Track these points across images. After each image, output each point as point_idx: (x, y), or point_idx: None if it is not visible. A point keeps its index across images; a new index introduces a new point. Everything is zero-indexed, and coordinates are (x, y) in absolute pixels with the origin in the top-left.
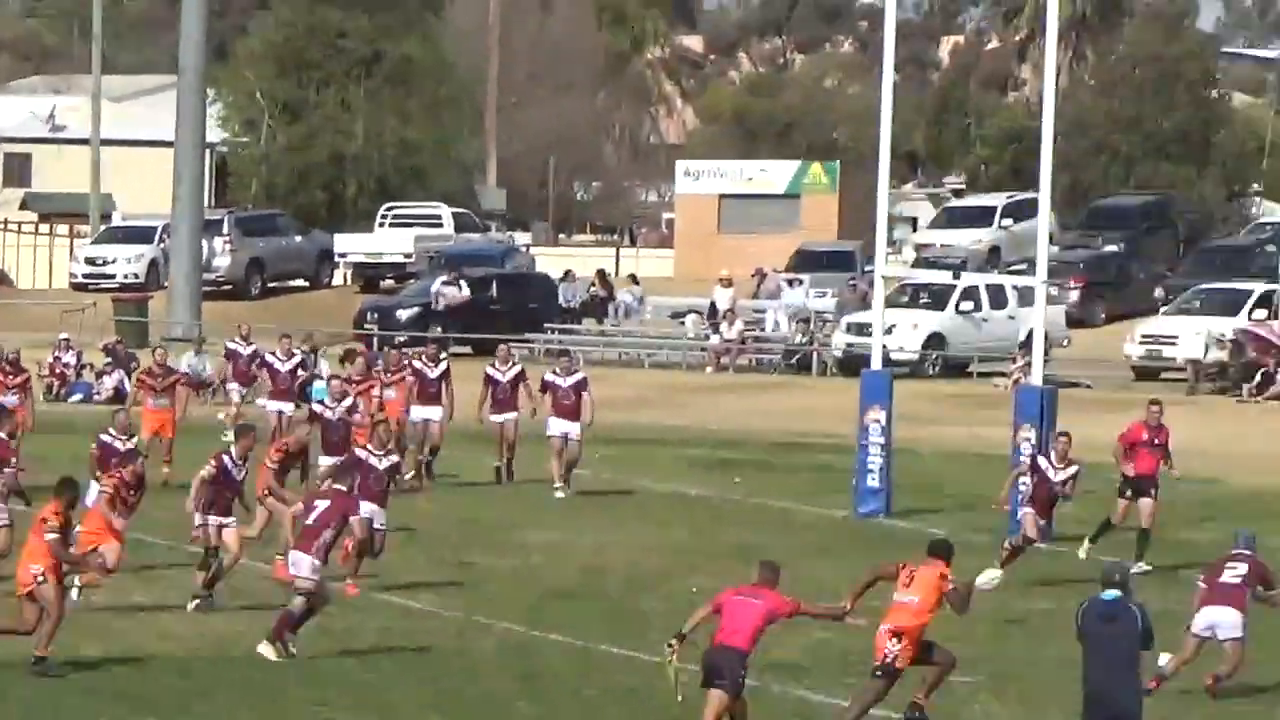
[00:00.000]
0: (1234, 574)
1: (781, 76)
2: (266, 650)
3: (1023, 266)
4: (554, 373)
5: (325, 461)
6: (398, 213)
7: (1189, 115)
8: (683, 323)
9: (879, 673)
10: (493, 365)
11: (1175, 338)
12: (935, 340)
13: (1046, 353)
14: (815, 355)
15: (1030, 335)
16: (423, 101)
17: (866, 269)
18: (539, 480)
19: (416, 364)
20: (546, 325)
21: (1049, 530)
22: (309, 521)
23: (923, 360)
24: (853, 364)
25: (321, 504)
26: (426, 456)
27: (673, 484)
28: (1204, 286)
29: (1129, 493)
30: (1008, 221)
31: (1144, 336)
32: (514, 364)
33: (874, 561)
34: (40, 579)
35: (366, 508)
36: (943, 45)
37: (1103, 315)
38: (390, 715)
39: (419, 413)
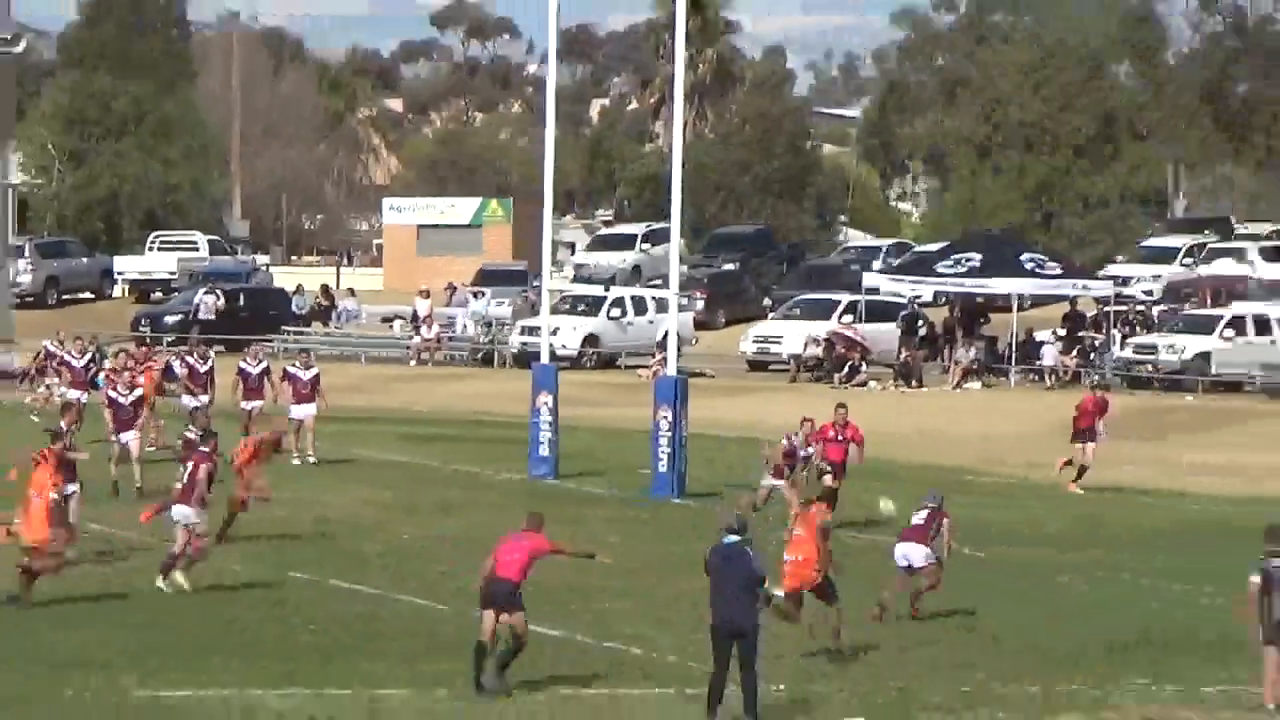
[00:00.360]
0: (919, 518)
1: (466, 130)
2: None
3: (659, 281)
4: (294, 366)
5: (124, 438)
6: (163, 239)
7: (788, 161)
8: (391, 326)
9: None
10: (244, 360)
11: (780, 337)
12: (591, 339)
13: (678, 350)
14: (496, 352)
15: (666, 335)
16: (180, 150)
17: (535, 283)
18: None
19: (241, 364)
20: (283, 328)
21: None
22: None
23: (581, 356)
24: (526, 359)
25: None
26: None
27: (386, 454)
28: (802, 297)
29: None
30: (646, 246)
31: (756, 337)
32: (261, 360)
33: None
34: None
35: None
36: (593, 106)
37: (723, 320)
38: (183, 636)
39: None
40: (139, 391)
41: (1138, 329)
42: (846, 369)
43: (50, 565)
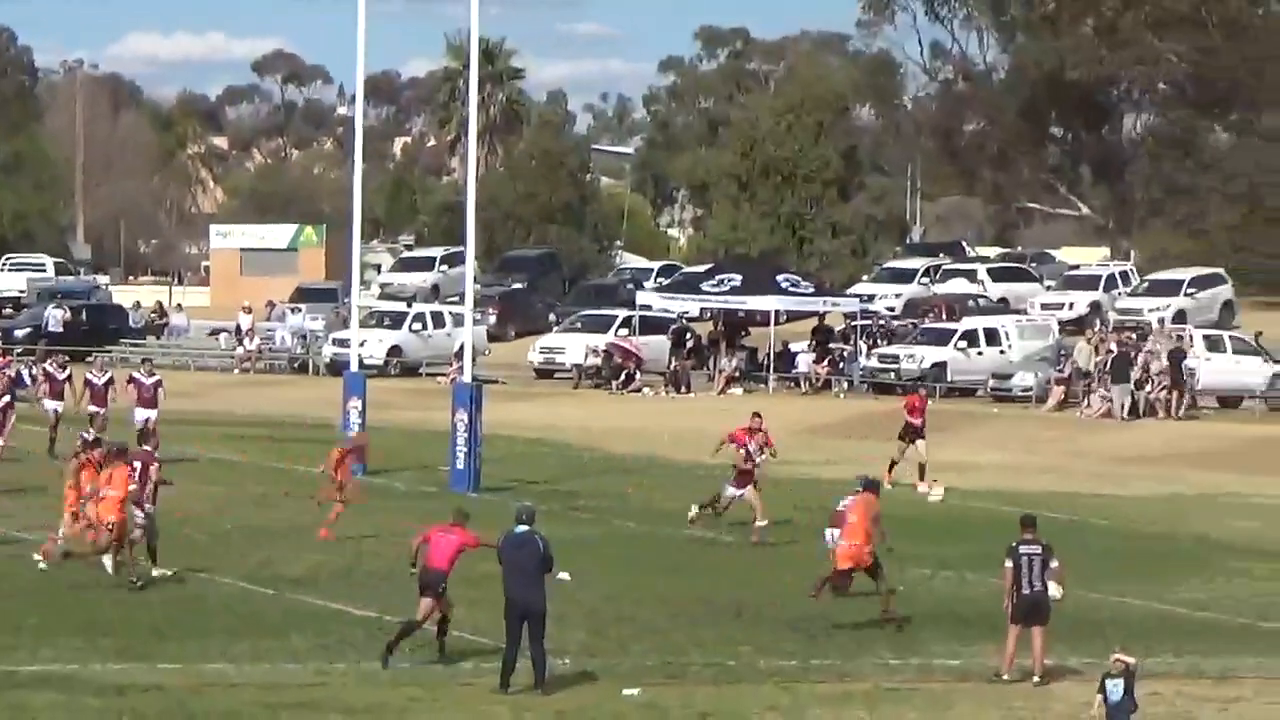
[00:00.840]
0: (843, 505)
1: (284, 165)
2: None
3: (456, 299)
4: (139, 374)
5: None
6: (14, 261)
7: (571, 192)
8: (217, 338)
9: None
10: (90, 373)
11: (564, 349)
12: (395, 350)
13: (474, 359)
14: (311, 362)
15: (462, 347)
16: (29, 182)
17: (346, 300)
18: None
19: (88, 375)
20: (122, 340)
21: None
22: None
23: (387, 365)
24: (337, 368)
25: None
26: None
27: (214, 452)
28: (583, 312)
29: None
30: (444, 267)
31: (542, 348)
32: (107, 372)
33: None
34: None
35: None
36: (396, 143)
37: (513, 333)
38: (27, 615)
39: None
40: None
41: (881, 341)
42: (623, 377)
43: None
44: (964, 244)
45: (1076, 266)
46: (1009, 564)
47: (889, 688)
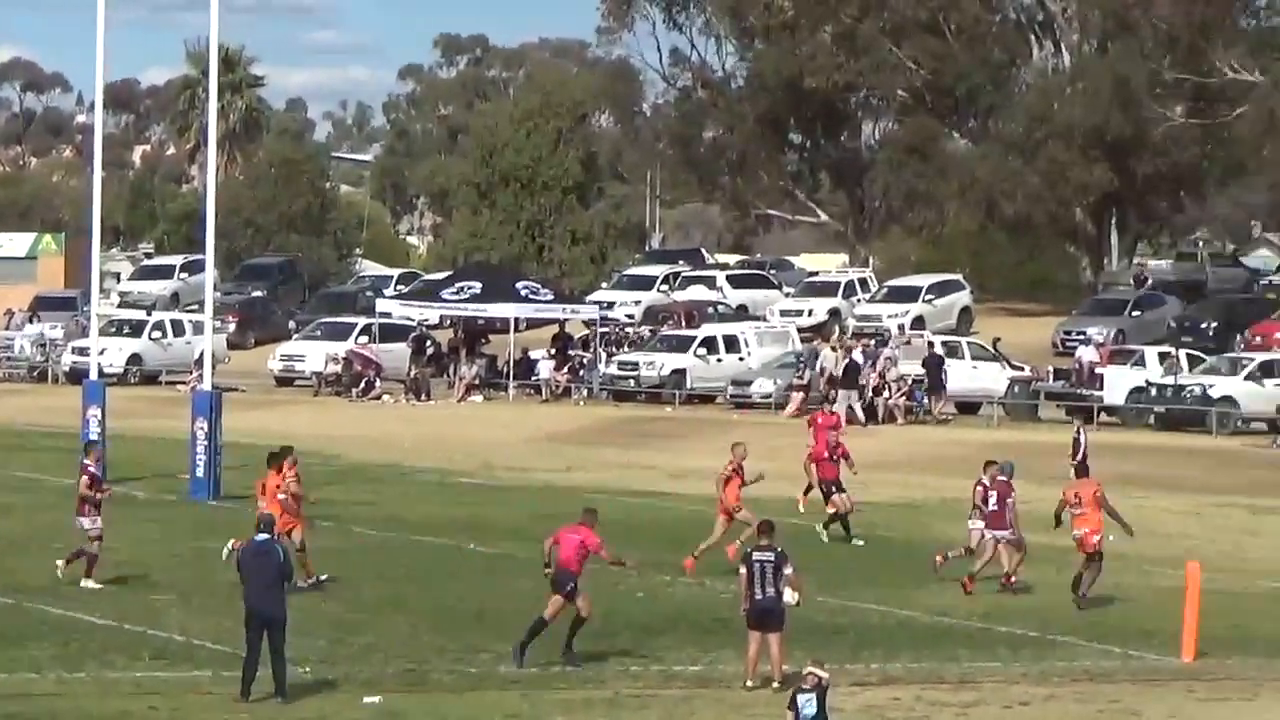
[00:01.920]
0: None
1: (23, 174)
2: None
3: (196, 306)
4: None
5: None
6: None
7: (311, 200)
8: None
9: None
10: None
11: (304, 356)
12: (135, 358)
13: (213, 367)
14: (50, 370)
15: (202, 354)
16: None
17: (85, 308)
18: None
19: None
20: None
21: None
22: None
23: (126, 373)
24: (77, 376)
25: None
26: None
27: None
28: (323, 320)
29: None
30: (184, 275)
31: (282, 355)
32: None
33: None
34: None
35: None
36: (136, 151)
37: (253, 340)
38: None
39: None
40: None
41: (621, 348)
42: (363, 384)
43: None
44: (703, 251)
45: (815, 273)
46: (743, 570)
47: (630, 694)
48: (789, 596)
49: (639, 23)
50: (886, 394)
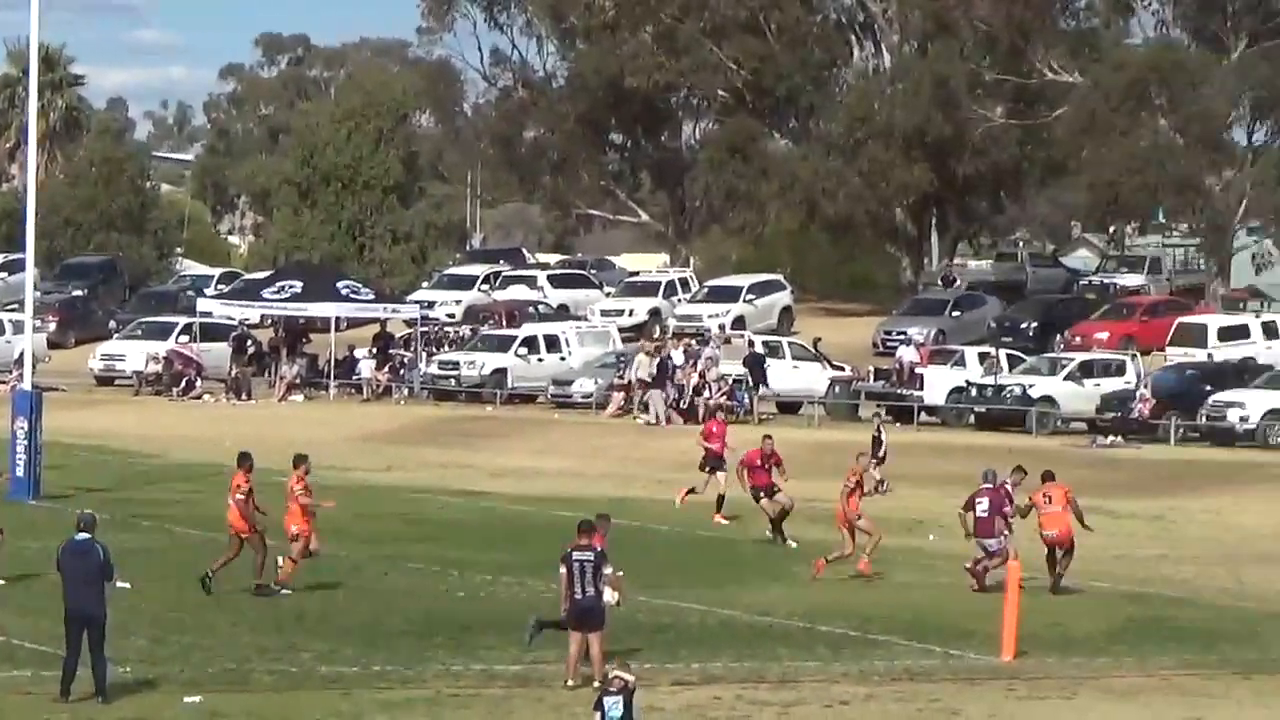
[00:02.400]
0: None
1: None
2: None
3: (15, 305)
4: None
5: None
6: None
7: (131, 200)
8: None
9: None
10: None
11: (125, 355)
12: None
13: (33, 367)
14: None
15: (22, 354)
16: None
17: None
18: None
19: None
20: None
21: None
22: None
23: None
24: None
25: None
26: None
27: None
28: (144, 320)
29: None
30: (4, 275)
31: (103, 355)
32: None
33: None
34: None
35: None
36: None
37: (73, 340)
38: None
39: None
40: None
41: (442, 347)
42: (184, 384)
43: None
44: (524, 251)
45: (636, 273)
46: (563, 570)
47: (450, 693)
48: (609, 596)
49: (460, 22)
50: (707, 394)
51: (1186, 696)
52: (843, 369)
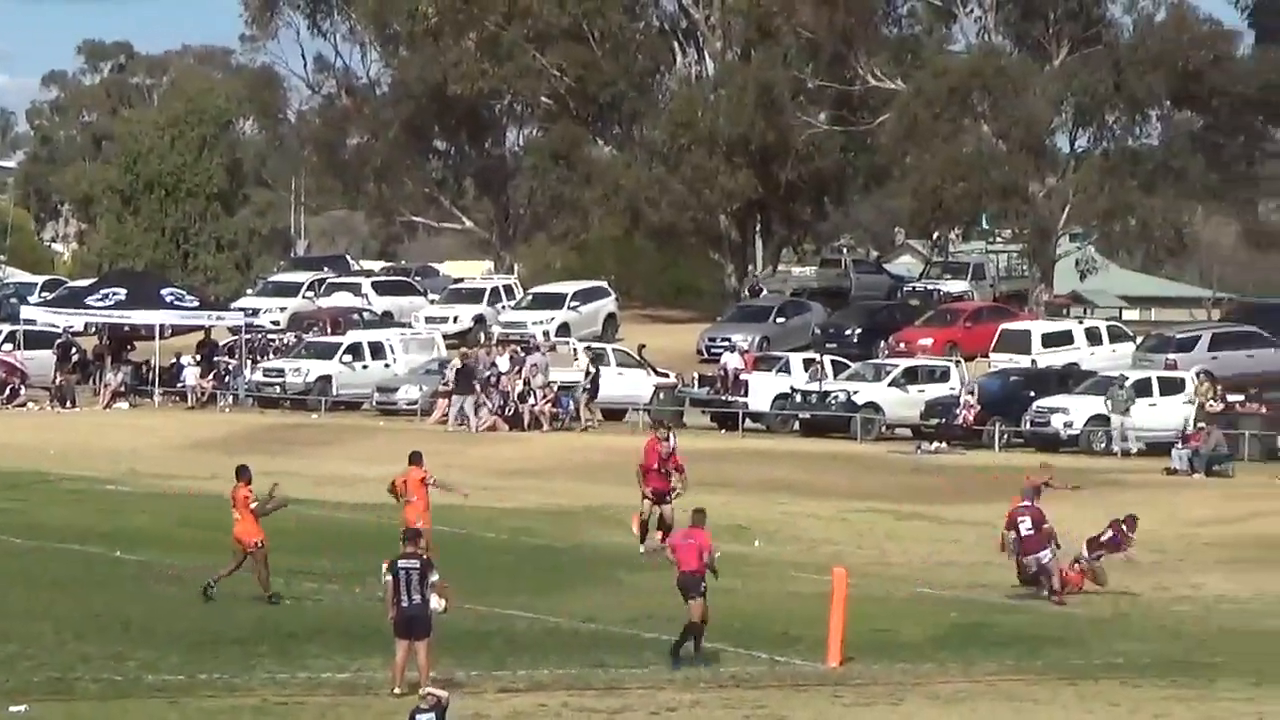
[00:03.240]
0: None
1: None
2: None
3: None
4: None
5: None
6: None
7: None
8: None
9: None
10: None
11: None
12: None
13: None
14: None
15: None
16: None
17: None
18: None
19: None
20: None
21: None
22: None
23: None
24: None
25: None
26: None
27: None
28: None
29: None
30: None
31: None
32: None
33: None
34: None
35: None
36: None
37: None
38: None
39: None
40: None
41: (267, 355)
42: (7, 391)
43: None
44: (348, 258)
45: (461, 280)
46: (388, 577)
47: (277, 701)
48: (435, 603)
49: (283, 30)
50: (532, 400)
51: (1012, 702)
52: (667, 376)
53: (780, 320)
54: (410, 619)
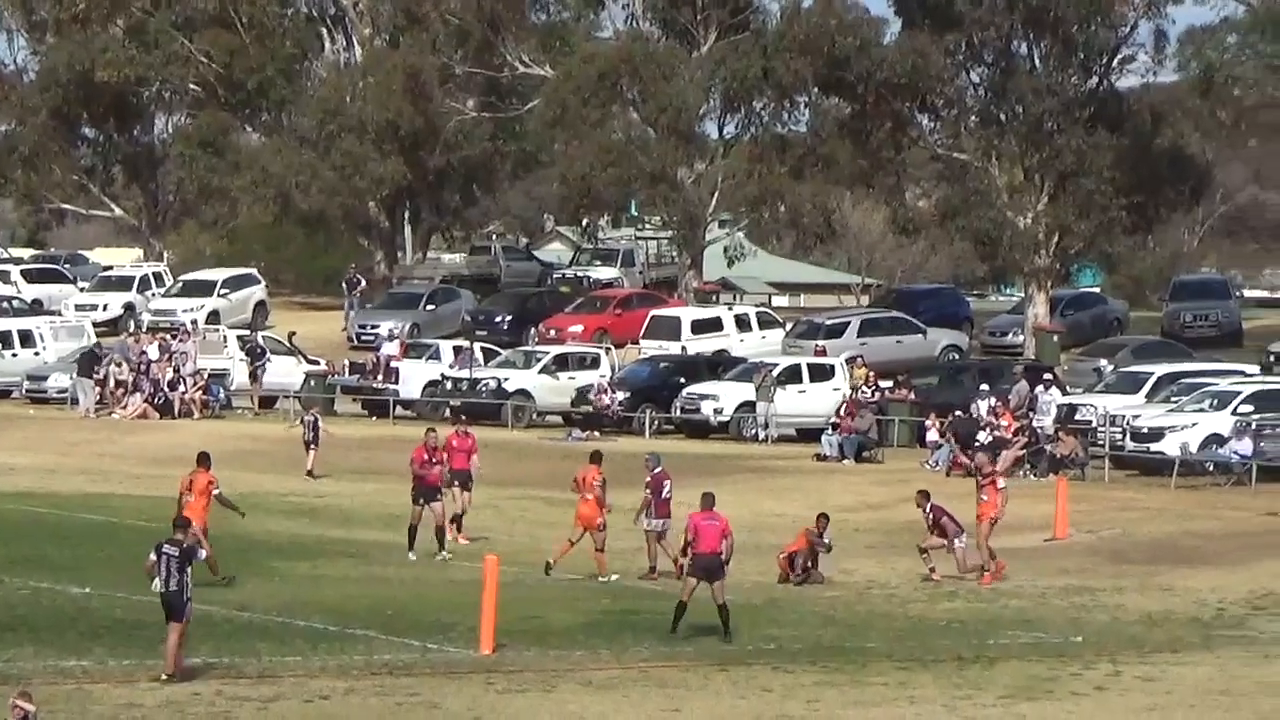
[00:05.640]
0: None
1: None
2: None
3: None
4: None
5: None
6: None
7: None
8: None
9: None
10: None
11: None
12: None
13: None
14: None
15: None
16: None
17: None
18: None
19: None
20: None
21: None
22: None
23: None
24: None
25: None
26: None
27: None
28: None
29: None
30: None
31: None
32: None
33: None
34: None
35: None
36: None
37: None
38: None
39: None
40: None
41: None
42: None
43: None
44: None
45: (110, 268)
46: (152, 557)
47: None
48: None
49: None
50: (182, 388)
51: (665, 688)
52: (318, 363)
53: (430, 307)
54: (166, 603)
